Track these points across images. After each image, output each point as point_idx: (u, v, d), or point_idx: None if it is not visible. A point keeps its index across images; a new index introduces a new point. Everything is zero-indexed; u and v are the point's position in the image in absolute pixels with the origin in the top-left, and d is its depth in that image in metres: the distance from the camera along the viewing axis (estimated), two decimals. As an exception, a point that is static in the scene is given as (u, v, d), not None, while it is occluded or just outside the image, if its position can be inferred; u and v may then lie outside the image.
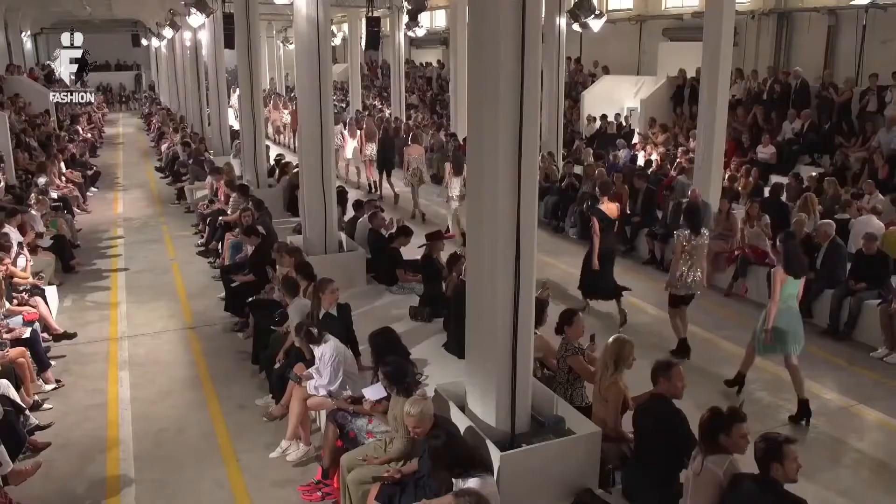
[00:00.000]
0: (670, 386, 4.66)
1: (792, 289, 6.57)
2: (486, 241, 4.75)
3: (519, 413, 4.97)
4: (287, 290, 6.77)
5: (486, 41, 4.50)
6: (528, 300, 4.81)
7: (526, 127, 4.51)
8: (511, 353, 4.83)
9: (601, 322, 8.87)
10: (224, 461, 6.21)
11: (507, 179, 4.56)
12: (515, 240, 4.65)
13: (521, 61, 4.42)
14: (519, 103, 4.46)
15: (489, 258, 4.76)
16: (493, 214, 4.65)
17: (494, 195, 4.61)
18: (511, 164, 4.54)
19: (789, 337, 6.57)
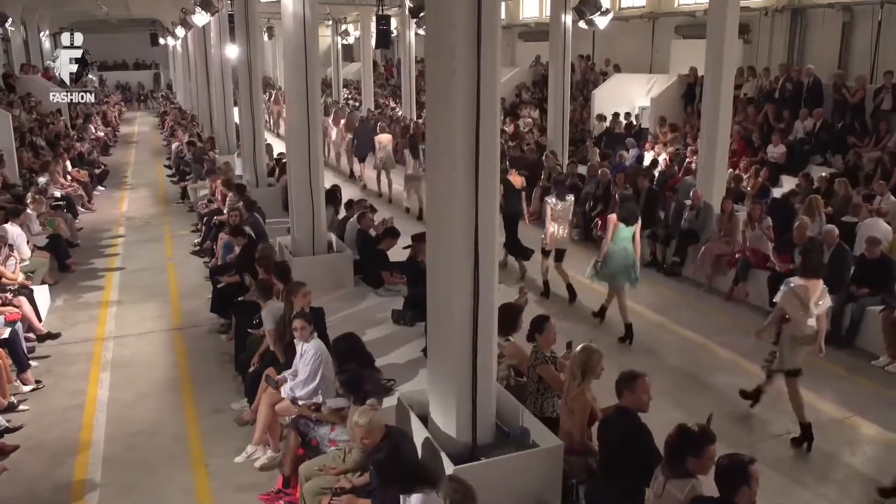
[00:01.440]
0: (635, 398, 4.44)
1: (626, 233, 8.20)
2: (443, 245, 4.59)
3: (481, 424, 4.79)
4: (260, 293, 6.65)
5: (441, 37, 4.32)
6: (488, 306, 4.63)
7: (483, 126, 4.32)
8: (471, 362, 4.65)
9: (579, 328, 8.63)
10: (193, 466, 6.11)
11: (463, 182, 4.38)
12: (474, 244, 4.47)
13: (477, 58, 4.23)
14: (475, 102, 4.28)
15: (445, 263, 4.59)
16: (449, 218, 4.48)
17: (450, 198, 4.44)
18: (468, 167, 4.36)
19: (620, 272, 8.22)
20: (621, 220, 8.20)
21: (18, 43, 24.36)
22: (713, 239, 10.22)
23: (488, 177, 4.44)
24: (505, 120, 21.07)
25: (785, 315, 6.23)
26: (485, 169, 4.39)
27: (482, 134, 4.33)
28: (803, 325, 6.17)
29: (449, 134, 4.36)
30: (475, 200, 4.40)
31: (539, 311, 6.10)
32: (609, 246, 8.20)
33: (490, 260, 4.58)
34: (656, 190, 11.79)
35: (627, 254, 8.19)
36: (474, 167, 4.36)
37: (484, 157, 4.37)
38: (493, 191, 4.53)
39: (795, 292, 6.16)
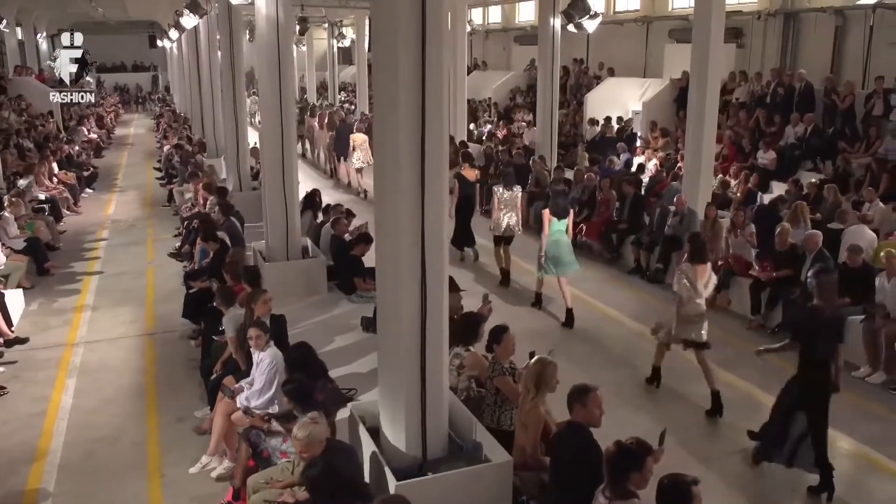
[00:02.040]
0: (586, 413, 4.30)
1: (560, 226, 8.87)
2: (389, 253, 4.46)
3: (431, 437, 4.67)
4: (222, 299, 6.52)
5: (385, 39, 4.20)
6: (437, 315, 4.51)
7: (429, 129, 4.20)
8: (420, 373, 4.52)
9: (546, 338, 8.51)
10: (149, 475, 5.99)
11: (409, 186, 4.26)
12: (420, 252, 4.34)
13: (422, 62, 4.11)
14: (420, 105, 4.15)
15: (392, 271, 4.47)
16: (395, 224, 4.36)
17: (396, 207, 4.32)
18: (413, 170, 4.24)
19: (559, 261, 8.83)
20: (553, 214, 8.88)
21: (13, 44, 24.32)
22: (697, 246, 10.04)
23: (435, 185, 4.31)
24: (499, 124, 20.98)
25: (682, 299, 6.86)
26: (432, 177, 4.27)
27: (428, 140, 4.21)
28: (693, 305, 6.80)
29: (394, 139, 4.24)
30: (421, 209, 4.28)
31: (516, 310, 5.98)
32: (546, 240, 8.90)
33: (439, 268, 4.46)
34: (642, 195, 11.65)
35: (562, 245, 8.92)
36: (420, 175, 4.24)
37: (430, 165, 4.25)
38: (441, 199, 4.40)
39: (685, 275, 6.84)
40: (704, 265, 6.89)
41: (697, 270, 6.82)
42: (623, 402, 7.02)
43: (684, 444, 6.32)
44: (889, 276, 7.81)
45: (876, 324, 7.66)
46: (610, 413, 6.66)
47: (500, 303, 9.65)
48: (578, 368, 7.80)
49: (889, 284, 7.79)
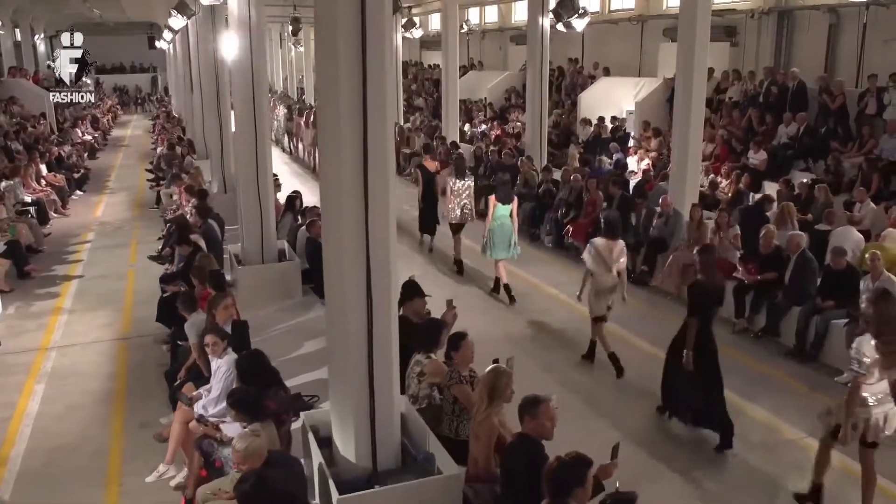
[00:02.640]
0: (537, 425, 4.16)
1: (504, 210, 9.30)
2: (334, 259, 4.33)
3: (382, 448, 4.53)
4: (184, 305, 6.40)
5: (325, 37, 4.08)
6: (385, 323, 4.37)
7: (372, 132, 4.07)
8: (368, 382, 4.39)
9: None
10: (107, 483, 5.88)
11: (352, 188, 4.13)
12: (365, 259, 4.21)
13: (363, 62, 3.98)
14: (361, 105, 4.02)
15: (337, 278, 4.35)
16: (337, 230, 4.23)
17: (338, 209, 4.18)
18: (356, 171, 4.12)
19: (501, 246, 9.35)
20: (499, 200, 9.36)
21: (9, 46, 24.30)
22: (681, 247, 9.91)
23: (379, 190, 4.18)
24: (493, 124, 20.83)
25: (591, 272, 7.43)
26: (375, 182, 4.14)
27: (371, 147, 4.08)
28: (605, 278, 7.38)
29: (336, 140, 4.10)
30: (365, 216, 4.15)
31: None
32: (490, 223, 9.35)
33: (385, 277, 4.32)
34: (628, 196, 11.47)
35: (505, 229, 9.38)
36: (363, 180, 4.12)
37: (374, 169, 4.12)
38: (386, 205, 4.26)
39: (597, 249, 7.37)
40: (615, 241, 7.48)
41: (608, 245, 7.40)
42: (596, 412, 6.92)
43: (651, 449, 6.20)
44: (873, 279, 7.63)
45: (858, 327, 7.47)
46: (584, 420, 6.68)
47: (477, 303, 9.66)
48: (552, 373, 7.71)
49: (873, 287, 7.60)
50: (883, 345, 4.79)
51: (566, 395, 7.23)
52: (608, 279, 7.38)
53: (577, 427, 6.52)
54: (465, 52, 29.55)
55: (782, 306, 8.40)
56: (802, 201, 11.30)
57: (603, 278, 7.37)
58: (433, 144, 14.99)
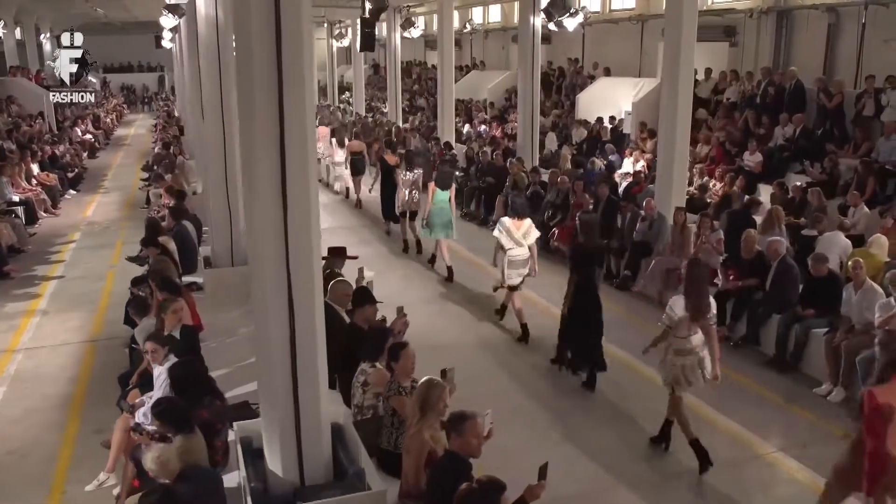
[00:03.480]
0: (463, 443, 3.97)
1: (442, 196, 10.27)
2: (257, 264, 4.17)
3: (309, 462, 4.36)
4: (135, 309, 6.28)
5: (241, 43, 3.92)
6: (309, 334, 4.20)
7: (289, 141, 3.91)
8: (293, 396, 4.23)
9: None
10: (52, 491, 5.76)
11: (269, 190, 3.99)
12: (285, 266, 4.05)
13: (279, 64, 3.82)
14: (278, 112, 3.86)
15: (259, 285, 4.19)
16: (259, 236, 4.07)
17: (259, 216, 4.03)
18: (273, 178, 3.97)
19: (439, 227, 10.30)
20: (438, 185, 10.30)
21: (11, 45, 24.39)
22: (664, 252, 9.67)
23: (299, 185, 4.03)
24: (492, 124, 20.62)
25: (502, 246, 8.20)
26: (294, 189, 3.99)
27: (289, 144, 3.91)
28: (516, 252, 8.20)
29: (250, 142, 3.95)
30: (284, 225, 4.00)
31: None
32: (430, 207, 10.31)
33: (308, 285, 4.15)
34: (615, 199, 11.23)
35: (444, 213, 10.31)
36: (281, 187, 3.96)
37: (292, 174, 3.96)
38: (308, 213, 4.10)
39: (505, 227, 8.23)
40: (522, 220, 8.28)
41: (516, 224, 8.25)
42: (556, 423, 6.73)
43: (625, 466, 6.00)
44: (856, 288, 7.36)
45: (837, 337, 7.21)
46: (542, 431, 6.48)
47: (454, 308, 9.55)
48: (517, 381, 7.52)
49: (856, 296, 7.33)
50: (690, 303, 5.61)
51: (528, 403, 7.06)
52: (519, 253, 8.22)
53: (532, 437, 6.38)
54: (468, 51, 29.40)
55: (762, 314, 8.15)
56: (796, 205, 11.04)
57: (514, 252, 8.20)
58: (394, 140, 16.30)
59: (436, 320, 9.19)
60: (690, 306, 5.59)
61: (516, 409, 6.95)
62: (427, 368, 7.36)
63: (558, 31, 17.35)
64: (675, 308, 5.67)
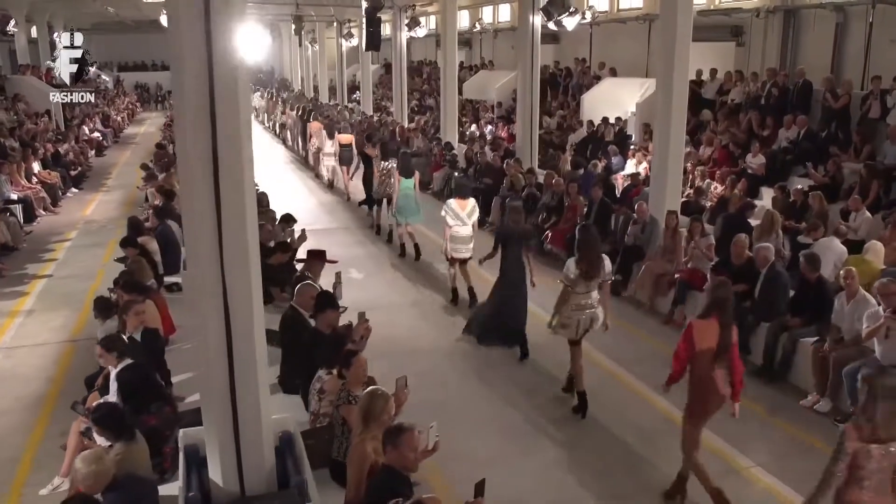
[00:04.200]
0: (398, 456, 3.83)
1: (407, 183, 10.96)
2: (192, 269, 4.07)
3: (250, 472, 4.24)
4: (97, 311, 6.20)
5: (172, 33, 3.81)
6: (247, 341, 4.08)
7: (221, 137, 3.79)
8: (231, 404, 4.11)
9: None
10: (10, 495, 5.68)
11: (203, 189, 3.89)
12: (220, 270, 3.93)
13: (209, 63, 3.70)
14: (209, 107, 3.74)
15: (196, 289, 4.07)
16: (192, 240, 3.96)
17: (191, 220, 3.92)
18: (207, 179, 3.86)
19: (405, 212, 11.02)
20: (401, 174, 11.08)
21: (23, 43, 24.59)
22: (655, 256, 9.46)
23: (233, 191, 3.91)
24: (499, 124, 20.43)
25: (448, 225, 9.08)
26: (228, 188, 3.87)
27: (221, 142, 3.80)
28: (460, 230, 9.07)
29: (182, 139, 3.86)
30: (217, 225, 3.88)
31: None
32: (397, 195, 11.03)
33: (245, 288, 4.03)
34: (608, 201, 11.01)
35: (409, 199, 11.02)
36: (213, 185, 3.84)
37: (225, 172, 3.84)
38: (243, 213, 3.98)
39: (451, 207, 9.13)
40: (465, 200, 9.20)
41: (460, 204, 9.12)
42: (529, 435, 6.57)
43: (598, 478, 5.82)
44: (848, 298, 7.10)
45: (826, 347, 6.97)
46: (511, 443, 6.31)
47: (433, 312, 9.40)
48: (496, 390, 7.34)
49: (848, 306, 7.08)
50: (583, 264, 6.39)
51: (503, 411, 6.89)
52: (463, 231, 9.12)
53: (504, 446, 6.22)
54: (478, 51, 29.24)
55: (751, 322, 7.90)
56: (798, 209, 10.76)
57: (457, 229, 9.10)
58: (374, 135, 17.04)
59: (419, 324, 9.06)
60: (583, 267, 6.38)
61: (490, 416, 6.80)
62: (400, 374, 7.27)
63: (567, 31, 17.18)
64: (570, 269, 6.45)
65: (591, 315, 6.57)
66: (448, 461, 5.90)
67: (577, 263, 6.39)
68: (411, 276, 10.84)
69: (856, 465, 3.92)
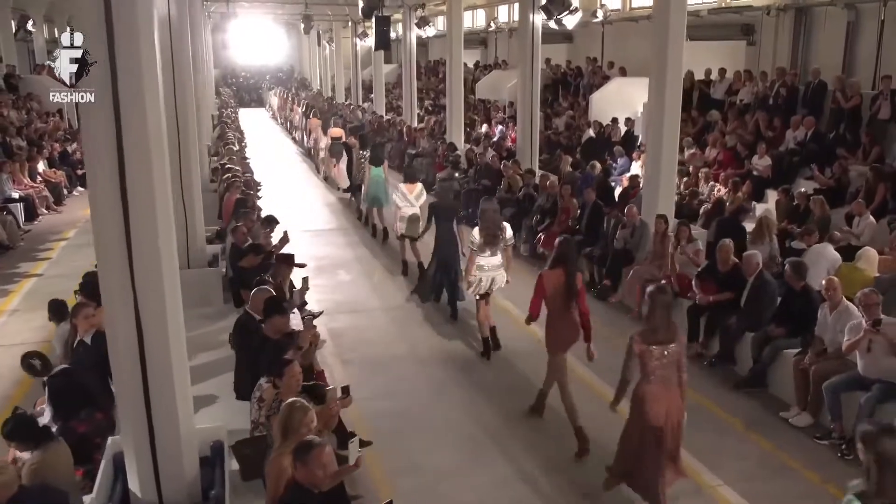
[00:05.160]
0: (307, 473, 3.67)
1: (376, 171, 11.99)
2: (102, 275, 3.95)
3: (168, 481, 4.11)
4: (52, 313, 6.13)
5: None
6: (161, 347, 3.96)
7: (126, 130, 3.67)
8: (145, 412, 3.98)
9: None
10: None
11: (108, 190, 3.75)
12: (129, 274, 3.81)
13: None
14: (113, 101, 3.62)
15: (107, 297, 3.95)
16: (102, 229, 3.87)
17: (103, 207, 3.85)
18: (112, 188, 3.75)
19: (374, 197, 12.10)
20: (371, 163, 12.07)
21: (41, 43, 24.92)
22: (643, 262, 9.18)
23: (141, 198, 3.79)
24: (509, 124, 20.17)
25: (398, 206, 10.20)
26: (135, 184, 3.75)
27: (126, 139, 3.68)
28: (409, 210, 10.07)
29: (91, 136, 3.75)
30: (125, 226, 3.75)
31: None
32: (367, 181, 12.18)
33: (157, 296, 3.90)
34: (601, 204, 10.72)
35: (378, 186, 11.98)
36: (119, 182, 3.73)
37: (132, 167, 3.73)
38: (152, 210, 3.86)
39: (401, 191, 10.20)
40: (414, 184, 10.25)
41: (409, 188, 10.18)
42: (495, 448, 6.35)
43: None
44: (831, 309, 6.77)
45: (807, 359, 6.66)
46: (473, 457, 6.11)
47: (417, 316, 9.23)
48: (463, 399, 7.12)
49: (831, 317, 6.75)
50: (483, 232, 7.47)
51: (466, 421, 6.65)
52: (410, 211, 10.05)
53: (463, 458, 6.01)
54: (493, 50, 29.00)
55: (735, 331, 7.61)
56: (801, 213, 10.40)
57: (406, 210, 10.05)
58: (358, 128, 18.77)
59: (396, 329, 8.87)
60: (483, 234, 7.45)
61: (453, 426, 6.59)
62: (369, 379, 7.11)
63: (581, 31, 16.82)
64: (474, 236, 7.54)
65: (493, 275, 7.63)
66: (400, 473, 5.74)
67: (480, 232, 7.46)
68: (399, 282, 10.61)
69: (643, 363, 4.87)
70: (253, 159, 19.64)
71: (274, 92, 33.09)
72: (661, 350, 4.82)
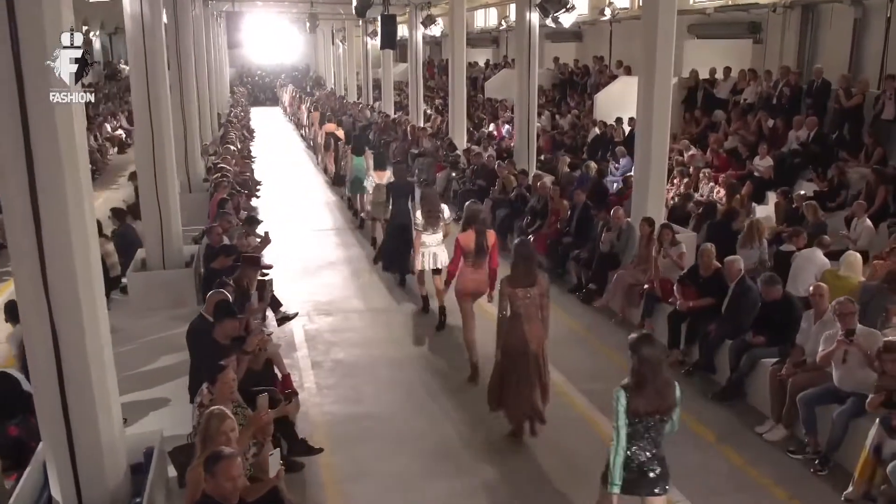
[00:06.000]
0: (215, 485, 3.54)
1: (358, 161, 12.70)
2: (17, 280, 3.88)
3: (89, 488, 4.04)
4: (7, 313, 6.09)
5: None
6: (77, 341, 3.89)
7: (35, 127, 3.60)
8: (63, 418, 3.91)
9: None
10: None
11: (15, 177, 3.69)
12: (42, 279, 3.74)
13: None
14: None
15: (21, 299, 3.88)
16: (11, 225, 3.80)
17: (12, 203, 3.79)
18: (21, 181, 3.66)
19: (356, 185, 12.78)
20: (353, 152, 13.02)
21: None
22: (629, 265, 8.97)
23: (53, 196, 3.71)
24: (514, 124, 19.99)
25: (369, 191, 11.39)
26: (44, 179, 3.69)
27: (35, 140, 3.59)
28: (377, 195, 10.91)
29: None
30: (35, 224, 3.68)
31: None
32: (350, 171, 13.10)
33: (71, 299, 3.82)
34: (590, 205, 10.51)
35: (361, 174, 12.45)
36: (28, 183, 3.65)
37: (41, 168, 3.65)
38: (63, 207, 3.79)
39: (371, 178, 11.32)
40: (383, 172, 11.06)
41: (379, 175, 11.05)
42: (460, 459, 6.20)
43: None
44: (816, 317, 6.52)
45: (785, 370, 6.42)
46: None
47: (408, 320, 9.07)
48: (430, 407, 6.96)
49: (815, 326, 6.49)
50: (425, 213, 8.42)
51: (430, 430, 6.48)
52: (378, 194, 10.86)
53: (416, 468, 5.85)
54: (503, 49, 28.78)
55: (715, 339, 7.38)
56: (800, 216, 10.11)
57: (377, 194, 10.92)
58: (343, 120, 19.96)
59: (375, 332, 8.74)
60: (424, 215, 8.41)
61: (415, 434, 6.40)
62: (340, 384, 6.97)
63: (589, 29, 16.49)
64: (418, 217, 8.53)
65: (434, 251, 8.56)
66: (350, 481, 5.62)
67: (422, 213, 8.44)
68: (387, 283, 10.46)
69: (511, 302, 5.89)
70: (260, 157, 19.73)
71: (285, 90, 33.19)
72: (525, 292, 5.90)
